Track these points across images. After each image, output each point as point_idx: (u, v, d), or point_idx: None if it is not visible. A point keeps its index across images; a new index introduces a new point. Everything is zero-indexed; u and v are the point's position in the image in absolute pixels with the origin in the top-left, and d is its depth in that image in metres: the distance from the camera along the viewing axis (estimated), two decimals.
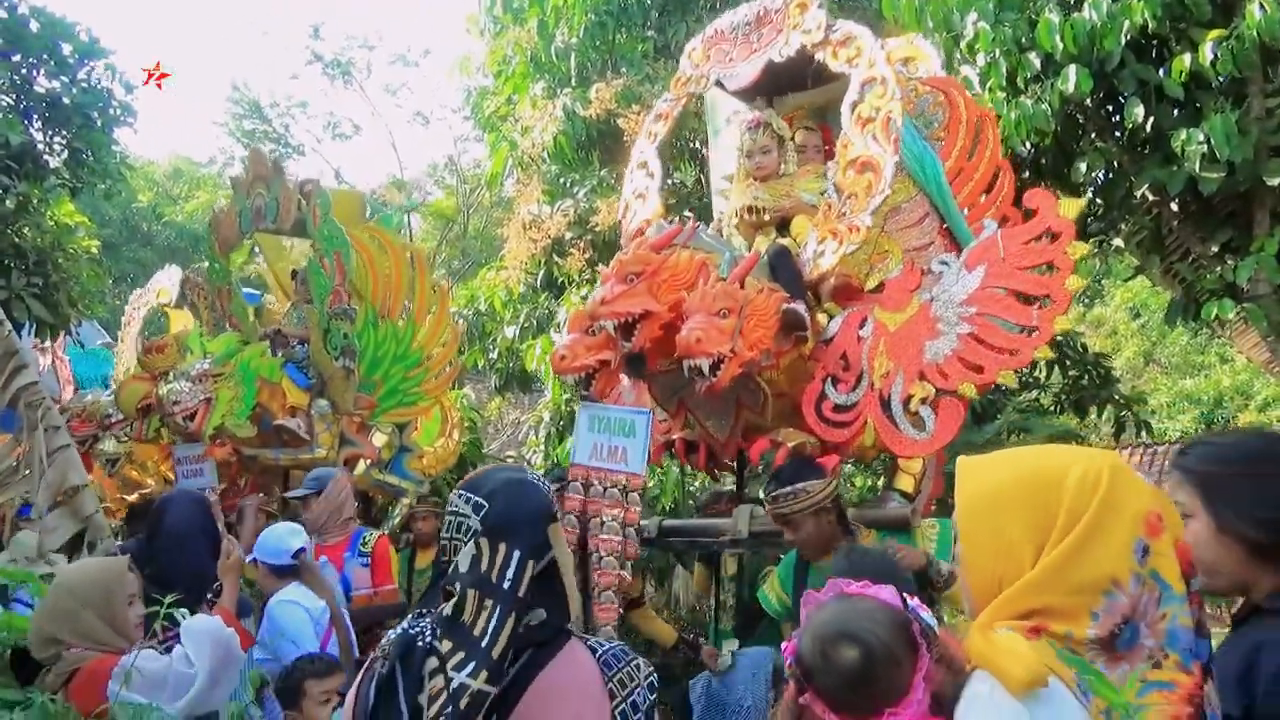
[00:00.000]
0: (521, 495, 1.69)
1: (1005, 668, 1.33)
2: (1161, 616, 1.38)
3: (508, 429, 13.89)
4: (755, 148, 3.79)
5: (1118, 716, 1.33)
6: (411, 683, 1.56)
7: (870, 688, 1.51)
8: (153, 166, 22.43)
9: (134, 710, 2.30)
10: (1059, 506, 1.40)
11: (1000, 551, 1.43)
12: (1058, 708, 1.32)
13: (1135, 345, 19.73)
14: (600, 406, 3.53)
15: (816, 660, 1.54)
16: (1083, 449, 1.54)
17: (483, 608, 1.58)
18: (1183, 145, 6.34)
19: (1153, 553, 1.39)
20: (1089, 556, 1.37)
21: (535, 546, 1.63)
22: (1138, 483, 1.45)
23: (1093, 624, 1.35)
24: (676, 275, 3.21)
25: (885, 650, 1.51)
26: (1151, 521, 1.40)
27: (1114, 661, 1.35)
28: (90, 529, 3.84)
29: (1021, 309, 3.03)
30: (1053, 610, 1.38)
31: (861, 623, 1.53)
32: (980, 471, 1.51)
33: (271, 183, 5.51)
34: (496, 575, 1.59)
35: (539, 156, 9.55)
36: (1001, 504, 1.45)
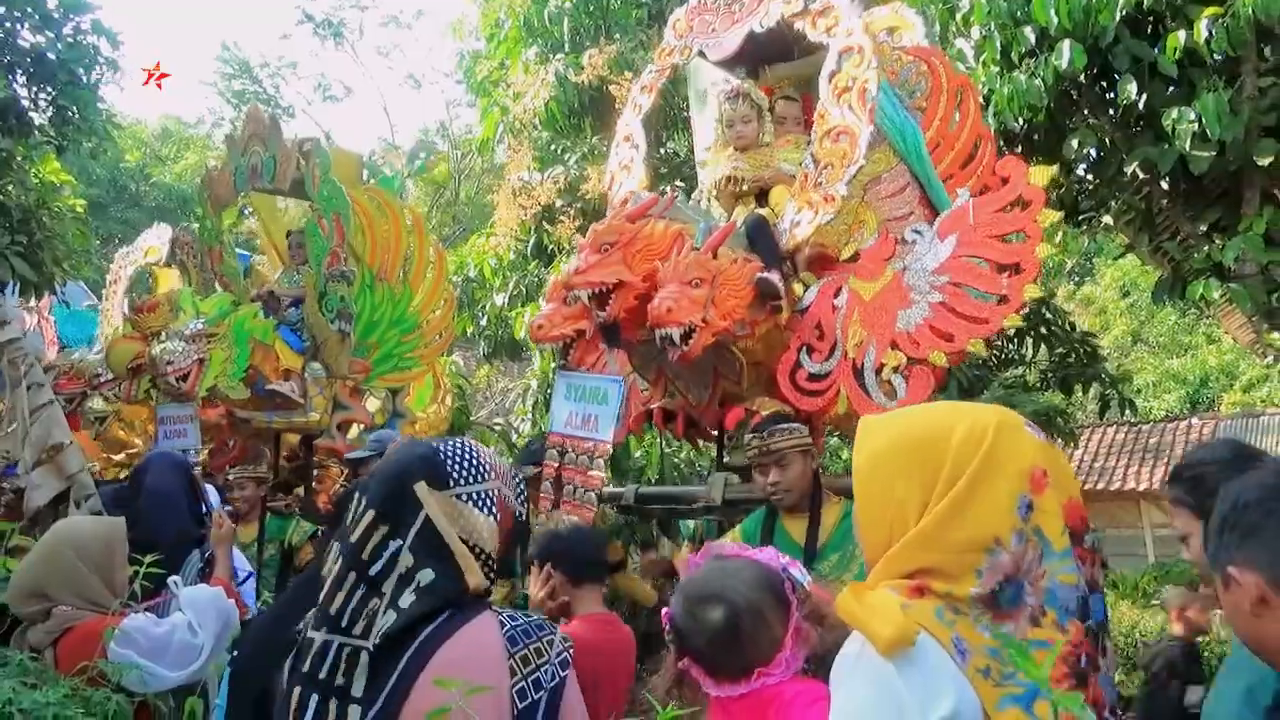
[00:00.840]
0: (394, 455, 1.69)
1: (873, 628, 1.33)
2: (1042, 574, 1.36)
3: (496, 397, 13.92)
4: (735, 117, 3.78)
5: (998, 673, 1.31)
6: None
7: (739, 646, 1.50)
8: (141, 126, 22.26)
9: (130, 668, 2.31)
10: (943, 463, 1.39)
11: (889, 509, 1.42)
12: (926, 666, 1.31)
13: (1123, 324, 19.79)
14: (576, 375, 3.55)
15: (686, 622, 1.54)
16: (975, 405, 1.52)
17: (335, 561, 1.58)
18: (1174, 123, 6.33)
19: (1036, 509, 1.37)
20: (971, 513, 1.36)
21: (387, 499, 1.57)
22: (1024, 438, 1.42)
23: (976, 582, 1.34)
24: (651, 245, 3.21)
25: (751, 608, 1.50)
26: (1036, 477, 1.38)
27: (1000, 619, 1.34)
28: (75, 487, 3.83)
29: (992, 277, 3.04)
30: (936, 569, 1.37)
31: (727, 582, 1.53)
32: (876, 430, 1.50)
33: (269, 141, 5.43)
34: (350, 528, 1.58)
35: (530, 123, 9.49)
36: (891, 461, 1.44)
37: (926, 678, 1.31)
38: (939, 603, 1.35)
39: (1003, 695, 1.31)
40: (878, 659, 1.32)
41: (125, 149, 18.20)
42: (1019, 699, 1.31)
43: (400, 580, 1.53)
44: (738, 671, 1.51)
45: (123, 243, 9.08)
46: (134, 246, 7.58)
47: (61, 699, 2.00)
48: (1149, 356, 19.45)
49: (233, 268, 5.80)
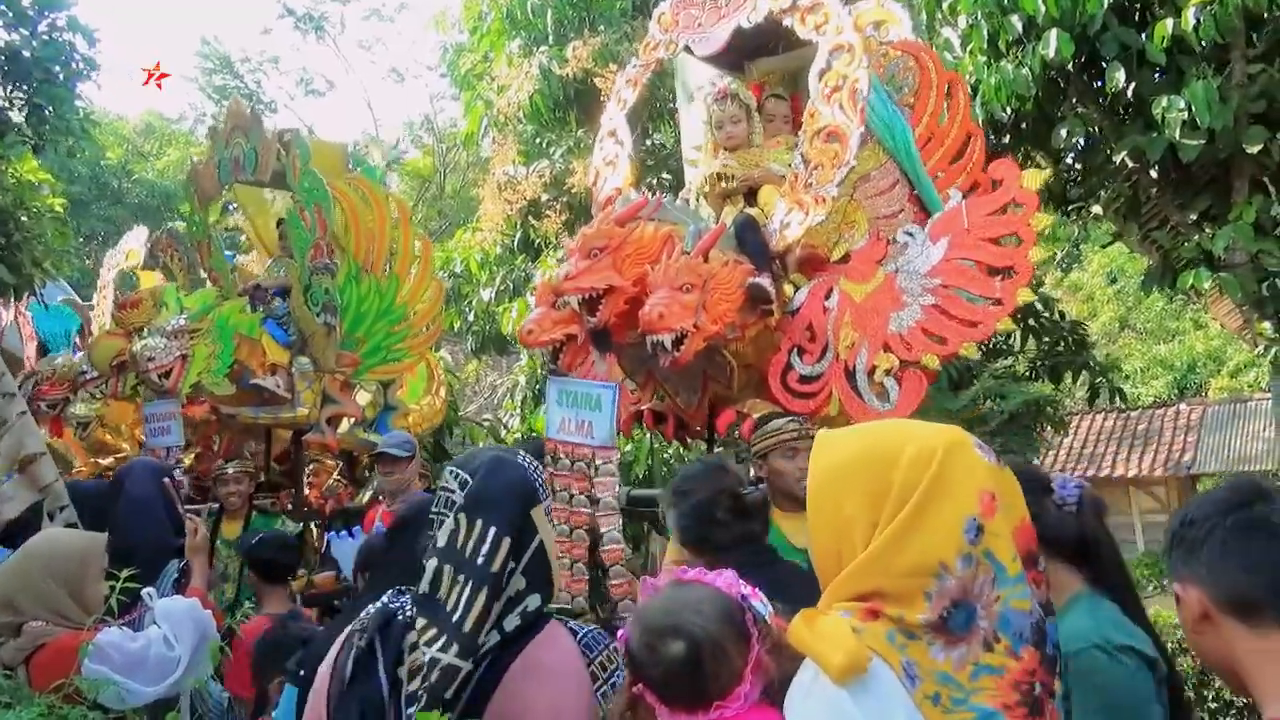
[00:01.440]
0: (500, 471, 1.68)
1: (824, 655, 1.32)
2: (996, 599, 1.34)
3: (484, 392, 13.87)
4: (724, 118, 3.73)
5: (948, 699, 1.30)
6: (391, 655, 1.58)
7: (697, 681, 1.47)
8: (123, 123, 22.05)
9: (102, 684, 2.27)
10: (891, 484, 1.37)
11: (839, 528, 1.40)
12: (880, 693, 1.30)
13: (1111, 311, 19.87)
14: (568, 380, 3.50)
15: (643, 654, 1.50)
16: (927, 425, 1.49)
17: (455, 582, 1.58)
18: (1163, 112, 6.31)
19: (986, 532, 1.35)
20: (917, 537, 1.34)
21: (512, 523, 1.61)
22: (974, 460, 1.40)
23: (925, 607, 1.32)
24: (641, 249, 3.17)
25: (712, 644, 1.46)
26: (985, 501, 1.36)
27: (952, 644, 1.32)
28: (49, 498, 3.80)
29: (985, 281, 3.01)
30: (886, 593, 1.35)
31: (687, 615, 1.49)
32: (830, 446, 1.48)
33: (250, 133, 5.35)
34: (471, 550, 1.59)
35: (515, 116, 9.42)
36: (842, 479, 1.42)
37: (879, 704, 1.29)
38: (891, 626, 1.34)
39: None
40: (831, 686, 1.31)
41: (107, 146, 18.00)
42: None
43: (509, 602, 1.60)
44: (694, 704, 1.48)
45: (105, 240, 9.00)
46: (118, 249, 7.50)
47: (36, 717, 1.95)
48: (1136, 343, 19.55)
49: (221, 262, 5.71)
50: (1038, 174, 3.04)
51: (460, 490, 1.67)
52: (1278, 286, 7.27)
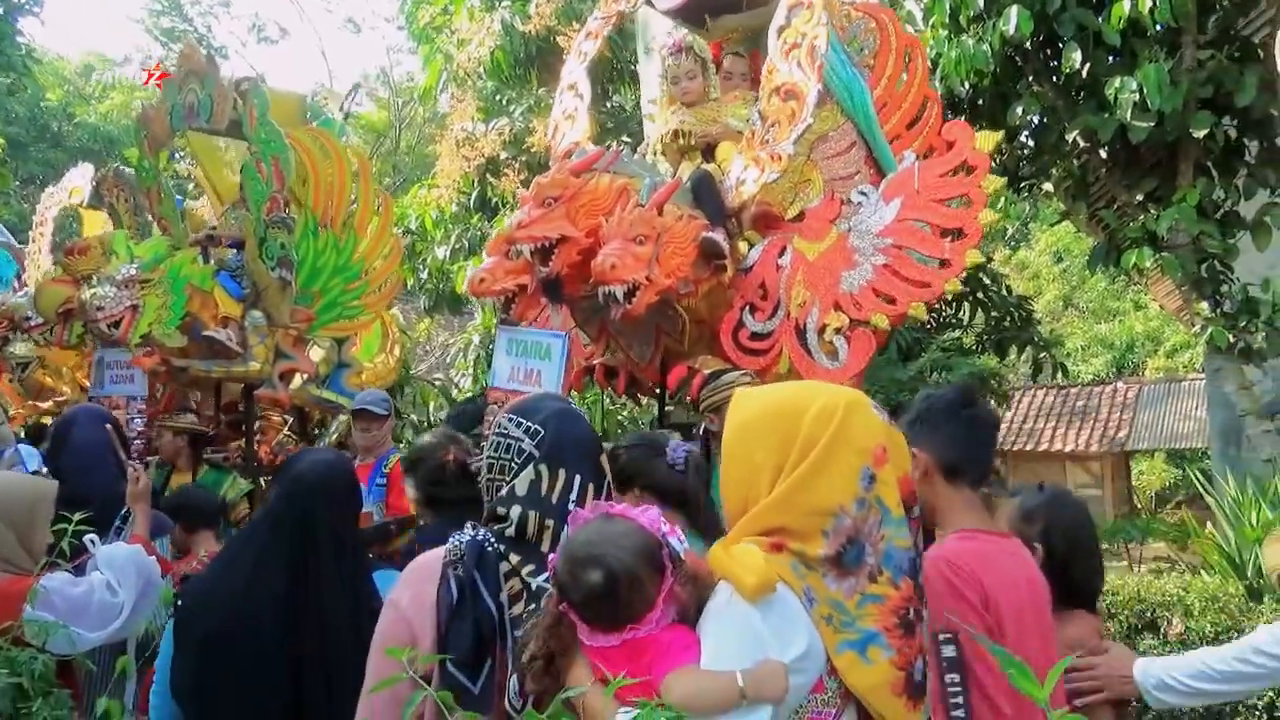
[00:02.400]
0: (575, 424, 1.87)
1: (739, 576, 1.50)
2: (881, 537, 1.55)
3: (436, 351, 13.75)
4: (680, 72, 3.71)
5: (838, 621, 1.51)
6: (492, 584, 1.76)
7: (613, 606, 1.60)
8: (63, 62, 21.24)
9: (47, 627, 2.26)
10: (797, 435, 1.56)
11: (748, 473, 1.60)
12: (784, 611, 1.49)
13: (1056, 289, 20.28)
14: (518, 330, 3.49)
15: (566, 579, 1.63)
16: (832, 387, 1.70)
17: (544, 528, 1.77)
18: (1116, 92, 6.42)
19: (877, 481, 1.56)
20: (820, 482, 1.54)
21: (594, 470, 1.81)
22: (871, 418, 1.62)
23: (824, 543, 1.52)
24: (595, 200, 3.16)
25: (628, 574, 1.59)
26: (878, 454, 1.57)
27: (843, 576, 1.52)
28: None
29: (935, 241, 3.05)
30: (790, 530, 1.54)
31: (608, 548, 1.61)
32: (745, 402, 1.68)
33: (205, 79, 5.16)
34: (557, 498, 1.78)
35: (475, 72, 9.28)
36: (753, 431, 1.62)
37: (784, 621, 1.49)
38: (793, 559, 1.53)
39: (841, 640, 1.51)
40: (743, 604, 1.50)
41: (46, 86, 17.32)
42: (854, 644, 1.51)
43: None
44: (610, 626, 1.61)
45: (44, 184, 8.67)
46: (59, 186, 7.24)
47: None
48: (1079, 321, 19.99)
49: (172, 210, 5.55)
50: (990, 136, 3.07)
51: (531, 439, 1.82)
52: (1216, 268, 7.48)
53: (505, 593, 1.75)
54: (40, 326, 5.32)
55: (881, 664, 1.51)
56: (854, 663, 1.50)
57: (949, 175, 3.10)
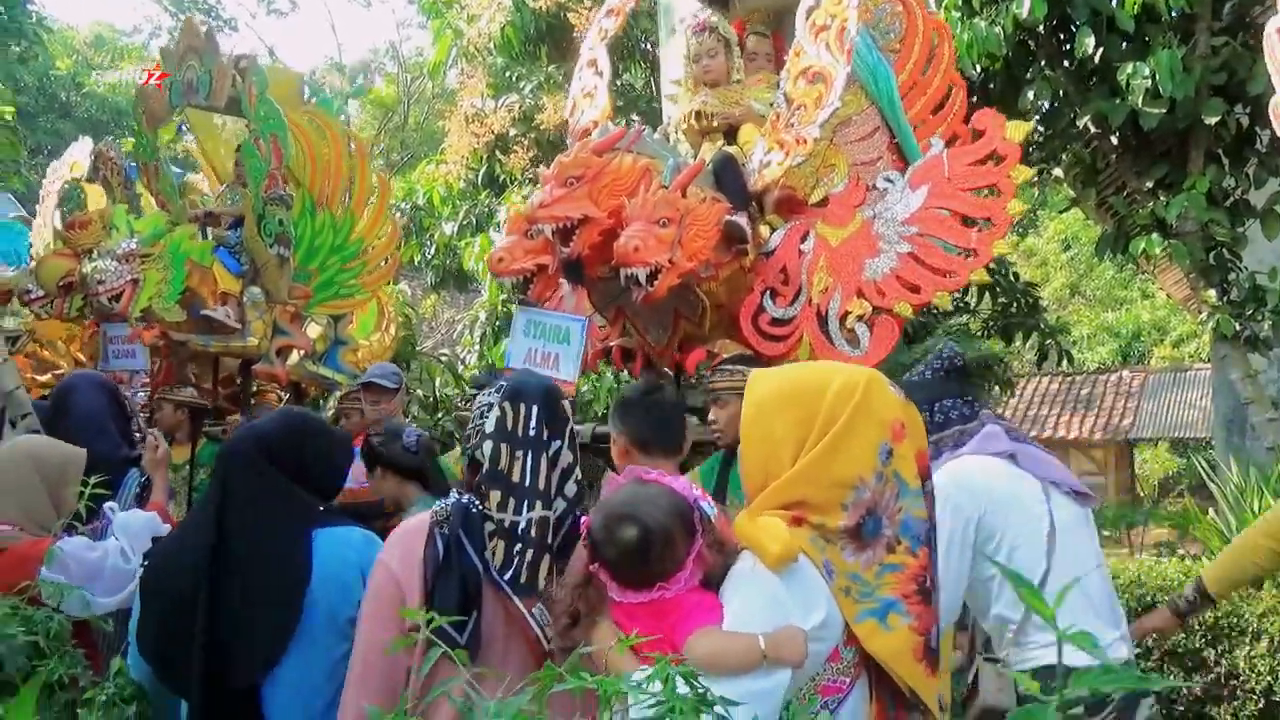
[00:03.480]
0: (530, 375, 2.11)
1: (764, 545, 1.56)
2: (898, 509, 1.60)
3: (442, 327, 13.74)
4: (701, 51, 3.68)
5: (857, 591, 1.56)
6: (476, 540, 1.87)
7: (645, 564, 1.67)
8: (72, 32, 21.10)
9: (62, 589, 2.30)
10: (819, 411, 1.61)
11: (769, 450, 1.65)
12: (805, 580, 1.56)
13: (1063, 277, 20.25)
14: (537, 311, 3.48)
15: (601, 534, 1.70)
16: (850, 366, 1.76)
17: (514, 456, 1.89)
18: (1128, 78, 6.40)
19: (895, 455, 1.61)
20: (841, 456, 1.59)
21: (545, 402, 1.95)
22: (889, 395, 1.66)
23: (843, 515, 1.57)
24: (618, 180, 3.12)
25: (662, 531, 1.67)
26: (896, 429, 1.62)
27: (861, 549, 1.57)
28: (10, 405, 3.74)
29: (961, 231, 3.03)
30: (810, 503, 1.59)
31: (644, 506, 1.70)
32: (764, 381, 1.74)
33: (204, 55, 5.15)
34: (520, 428, 1.92)
35: (485, 47, 9.23)
36: (773, 408, 1.67)
37: (805, 590, 1.55)
38: (813, 532, 1.58)
39: (861, 609, 1.56)
40: (767, 572, 1.56)
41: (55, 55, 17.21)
42: (875, 612, 1.56)
43: (564, 473, 1.94)
44: (640, 583, 1.68)
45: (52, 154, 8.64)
46: (61, 161, 7.23)
47: (2, 617, 1.98)
48: (1085, 309, 19.97)
49: (170, 185, 5.56)
50: (1020, 126, 3.05)
51: (496, 393, 2.00)
52: (1225, 256, 7.48)
53: (489, 550, 1.84)
54: (41, 299, 5.34)
55: (901, 630, 1.56)
56: (874, 630, 1.55)
57: (978, 164, 3.08)
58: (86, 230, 5.17)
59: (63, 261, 5.13)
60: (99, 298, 4.81)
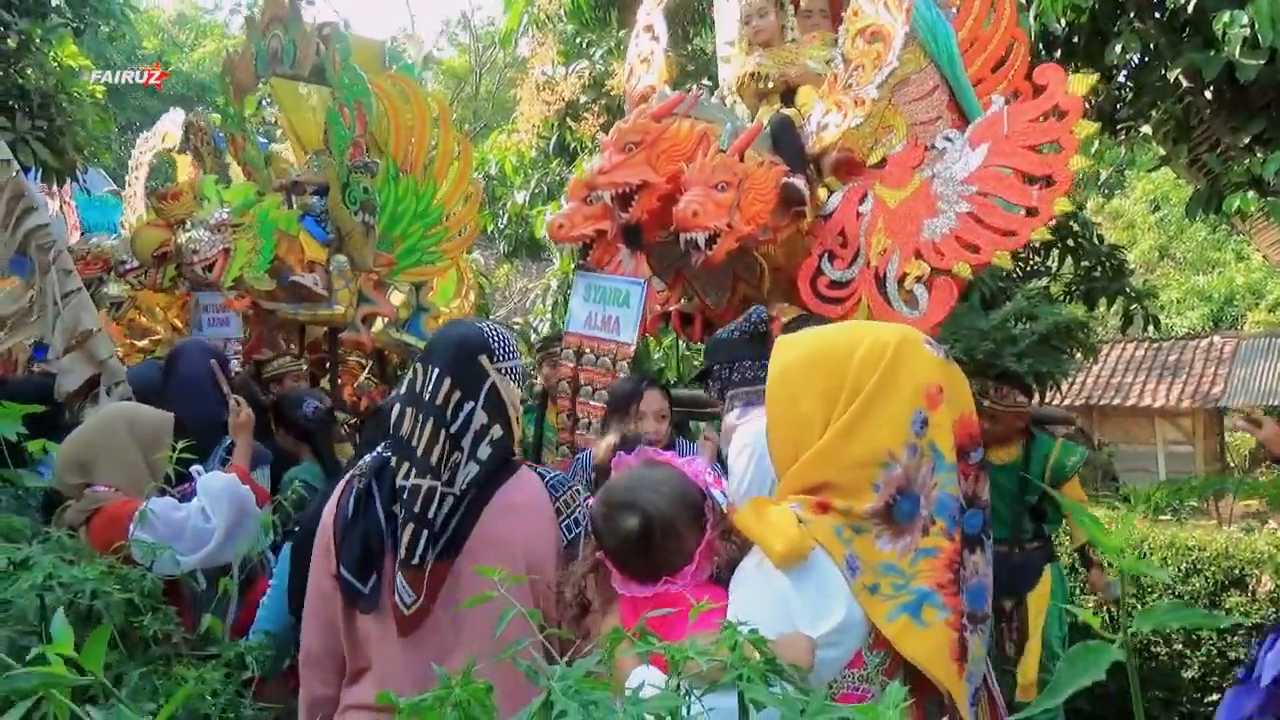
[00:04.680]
0: (450, 328, 1.98)
1: (769, 541, 1.40)
2: (934, 485, 1.42)
3: (515, 296, 13.92)
4: (752, 10, 3.64)
5: (888, 586, 1.39)
6: (386, 494, 1.84)
7: (648, 555, 1.55)
8: (158, 12, 21.82)
9: (150, 549, 2.40)
10: (845, 379, 1.45)
11: (796, 424, 1.49)
12: (820, 581, 1.39)
13: (1151, 239, 19.45)
14: (596, 275, 3.53)
15: (602, 524, 1.60)
16: (885, 325, 1.59)
17: (416, 420, 1.83)
18: (1224, 28, 6.08)
19: (930, 424, 1.43)
20: (868, 428, 1.42)
21: (455, 364, 1.84)
22: (925, 355, 1.48)
23: (873, 496, 1.40)
24: (676, 145, 3.14)
25: (664, 522, 1.54)
26: (931, 394, 1.44)
27: (897, 535, 1.41)
28: (105, 373, 3.84)
29: (1022, 189, 2.96)
30: (836, 485, 1.43)
31: (645, 493, 1.57)
32: (788, 347, 1.56)
33: (289, 24, 5.25)
34: (425, 391, 1.83)
35: (555, 14, 9.24)
36: (799, 377, 1.51)
37: (818, 591, 1.38)
38: (839, 520, 1.41)
39: (891, 607, 1.38)
40: (774, 571, 1.40)
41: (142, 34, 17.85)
42: (907, 607, 1.38)
43: (476, 436, 1.82)
44: (644, 576, 1.56)
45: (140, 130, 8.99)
46: (153, 132, 7.51)
47: (99, 575, 2.05)
48: (1175, 272, 19.17)
49: (255, 156, 5.73)
50: (1084, 79, 2.95)
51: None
52: None
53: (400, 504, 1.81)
54: (135, 270, 5.53)
55: (937, 625, 1.38)
56: (907, 628, 1.37)
57: (1039, 120, 2.99)
58: (178, 201, 5.32)
59: (156, 232, 5.28)
60: (193, 267, 4.96)
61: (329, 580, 1.87)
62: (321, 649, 1.90)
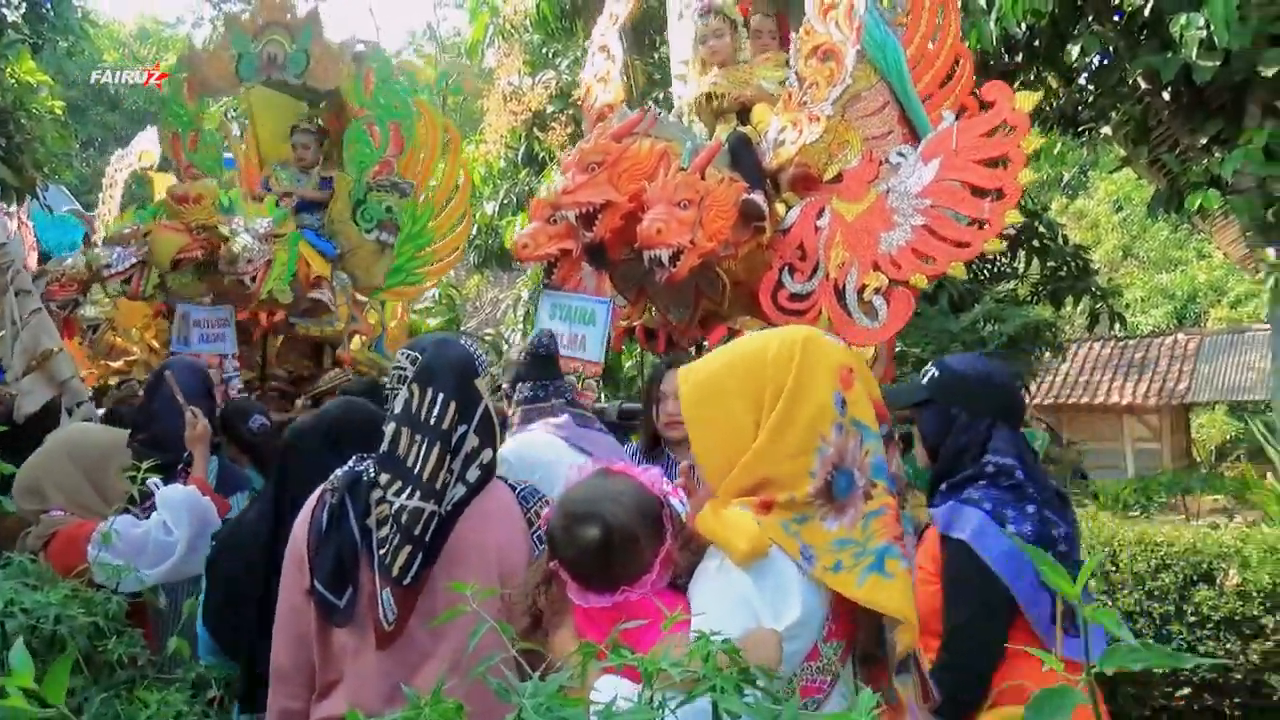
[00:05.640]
0: (445, 348, 1.97)
1: (730, 541, 1.46)
2: (865, 453, 1.52)
3: (486, 307, 13.89)
4: (708, 32, 3.68)
5: (848, 559, 1.46)
6: (359, 509, 1.85)
7: (607, 566, 1.56)
8: (118, 26, 21.58)
9: (113, 570, 2.37)
10: (765, 379, 1.53)
11: (727, 433, 1.54)
12: (778, 576, 1.45)
13: (1115, 239, 19.72)
14: (562, 295, 3.54)
15: (560, 535, 1.59)
16: (784, 328, 1.67)
17: (414, 441, 1.83)
18: (1181, 30, 6.19)
19: (849, 402, 1.53)
20: (797, 419, 1.50)
21: (459, 389, 1.86)
22: (829, 345, 1.58)
23: (810, 481, 1.48)
24: (637, 164, 3.17)
25: (624, 532, 1.55)
26: (844, 375, 1.54)
27: (841, 511, 1.48)
28: (67, 393, 3.80)
29: (974, 202, 3.02)
30: (775, 479, 1.50)
31: (605, 504, 1.57)
32: (698, 370, 1.63)
33: (299, 34, 5.12)
34: (425, 414, 1.84)
35: (521, 25, 9.25)
36: (723, 390, 1.57)
37: (778, 586, 1.44)
38: (784, 516, 1.48)
39: (860, 571, 1.45)
40: (735, 570, 1.45)
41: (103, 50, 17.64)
42: (873, 566, 1.46)
43: (467, 459, 1.85)
44: (602, 586, 1.57)
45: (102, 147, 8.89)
46: (129, 150, 7.38)
47: (62, 599, 2.03)
48: (1139, 271, 19.44)
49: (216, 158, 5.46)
50: (1030, 96, 3.02)
51: (412, 366, 1.93)
52: None
53: (374, 517, 1.82)
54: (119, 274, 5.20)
55: (900, 574, 1.48)
56: (877, 584, 1.45)
57: (988, 135, 3.05)
58: (199, 204, 4.83)
59: (177, 236, 4.78)
60: (240, 277, 4.70)
61: (301, 595, 1.86)
62: (291, 664, 1.90)
